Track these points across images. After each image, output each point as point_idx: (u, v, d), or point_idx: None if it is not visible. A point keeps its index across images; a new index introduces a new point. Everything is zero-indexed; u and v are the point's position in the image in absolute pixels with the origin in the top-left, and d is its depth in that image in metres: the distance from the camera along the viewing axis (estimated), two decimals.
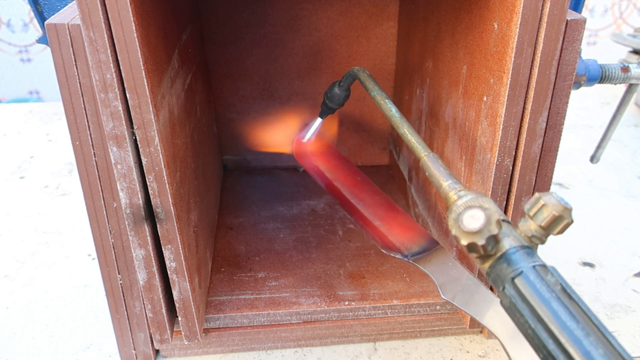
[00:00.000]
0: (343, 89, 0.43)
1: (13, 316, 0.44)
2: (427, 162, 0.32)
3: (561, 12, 0.29)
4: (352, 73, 0.41)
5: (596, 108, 0.88)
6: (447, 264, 0.37)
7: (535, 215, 0.25)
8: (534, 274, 0.24)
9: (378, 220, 0.42)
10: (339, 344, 0.41)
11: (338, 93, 0.43)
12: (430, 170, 0.31)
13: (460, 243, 0.25)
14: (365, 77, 0.39)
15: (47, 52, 1.55)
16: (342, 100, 0.43)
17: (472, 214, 0.25)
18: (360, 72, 0.40)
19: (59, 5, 0.42)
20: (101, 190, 0.32)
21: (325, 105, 0.45)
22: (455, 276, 0.36)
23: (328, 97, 0.44)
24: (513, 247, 0.25)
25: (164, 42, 0.34)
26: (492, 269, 0.25)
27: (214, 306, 0.40)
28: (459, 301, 0.35)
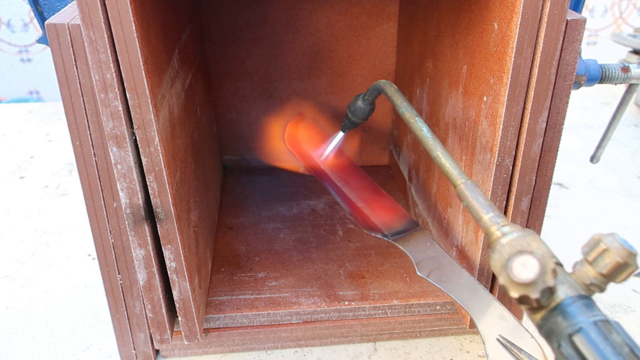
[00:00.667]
0: (367, 102, 0.41)
1: (13, 316, 0.44)
2: (464, 190, 0.28)
3: (561, 12, 0.29)
4: (378, 86, 0.38)
5: (596, 108, 0.88)
6: (425, 244, 0.38)
7: (595, 260, 0.22)
8: (595, 331, 0.21)
9: (362, 203, 0.43)
10: (339, 344, 0.41)
11: (362, 107, 0.41)
12: (467, 200, 0.28)
13: (509, 294, 0.22)
14: (393, 91, 0.36)
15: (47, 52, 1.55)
16: (367, 114, 0.41)
17: (523, 261, 0.22)
18: (386, 85, 0.37)
19: (59, 5, 0.42)
20: (101, 190, 0.32)
21: (347, 119, 0.42)
22: (432, 255, 0.38)
23: (351, 110, 0.42)
24: (569, 297, 0.22)
25: (164, 42, 0.34)
26: (545, 321, 0.22)
27: (214, 306, 0.40)
28: (433, 277, 0.36)
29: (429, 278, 0.36)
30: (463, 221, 0.39)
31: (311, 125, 0.50)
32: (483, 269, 0.37)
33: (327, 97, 0.58)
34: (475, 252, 0.37)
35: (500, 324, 0.33)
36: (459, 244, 0.40)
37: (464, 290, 0.35)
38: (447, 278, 0.36)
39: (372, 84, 0.39)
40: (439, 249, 0.38)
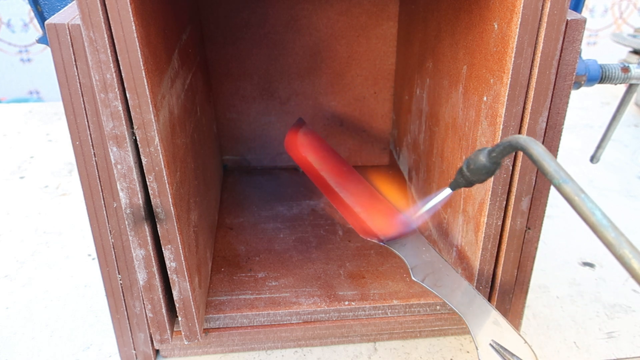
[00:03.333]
0: (494, 160, 0.29)
1: (13, 316, 0.44)
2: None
3: (561, 12, 0.29)
4: (516, 144, 0.26)
5: (596, 108, 0.88)
6: (420, 248, 0.39)
7: None
8: None
9: (358, 207, 0.43)
10: (339, 344, 0.41)
11: (487, 166, 0.29)
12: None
13: None
14: (541, 153, 0.25)
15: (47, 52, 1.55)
16: (488, 175, 0.30)
17: None
18: (530, 143, 0.25)
19: (59, 5, 0.43)
20: (101, 190, 0.32)
21: (462, 177, 0.31)
22: (427, 259, 0.38)
23: (470, 168, 0.30)
24: None
25: (164, 42, 0.34)
26: None
27: (214, 306, 0.40)
28: (428, 282, 0.36)
29: (423, 283, 0.36)
30: (463, 221, 0.39)
31: (311, 132, 0.50)
32: (483, 270, 0.37)
33: (327, 97, 0.58)
34: (475, 252, 0.37)
35: (493, 329, 0.33)
36: (459, 244, 0.40)
37: (458, 295, 0.35)
38: (441, 283, 0.36)
39: (506, 139, 0.27)
40: (435, 254, 0.38)
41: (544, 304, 0.46)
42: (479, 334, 0.33)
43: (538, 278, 0.49)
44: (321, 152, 0.49)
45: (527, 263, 0.37)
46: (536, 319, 0.44)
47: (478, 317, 0.34)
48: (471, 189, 0.37)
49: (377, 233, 0.41)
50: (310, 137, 0.49)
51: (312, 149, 0.48)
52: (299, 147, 0.48)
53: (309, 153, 0.47)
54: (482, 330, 0.33)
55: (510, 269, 0.37)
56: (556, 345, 0.42)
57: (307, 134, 0.49)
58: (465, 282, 0.36)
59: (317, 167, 0.46)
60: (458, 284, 0.36)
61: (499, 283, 0.38)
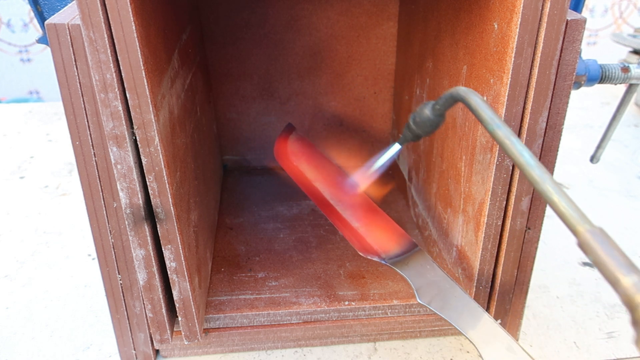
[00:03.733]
0: (438, 113, 0.32)
1: (13, 316, 0.44)
2: (591, 241, 0.21)
3: (561, 12, 0.29)
4: (456, 94, 0.29)
5: (596, 108, 0.88)
6: (425, 267, 0.36)
7: None
8: None
9: (356, 222, 0.40)
10: (339, 344, 0.41)
11: (430, 118, 0.32)
12: (596, 255, 0.21)
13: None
14: (478, 102, 0.27)
15: (47, 52, 1.55)
16: (434, 127, 0.33)
17: None
18: (469, 94, 0.28)
19: (59, 5, 0.43)
20: (101, 190, 0.32)
21: (409, 131, 0.34)
22: (432, 279, 0.35)
23: (416, 121, 0.33)
24: None
25: (164, 42, 0.34)
26: None
27: (214, 306, 0.40)
28: (435, 305, 0.34)
29: (430, 306, 0.34)
30: (463, 221, 0.39)
31: (301, 138, 0.46)
32: (483, 270, 0.37)
33: (327, 97, 0.58)
34: (475, 252, 0.37)
35: (507, 356, 0.31)
36: (459, 244, 0.40)
37: (467, 319, 0.33)
38: (449, 305, 0.34)
39: (448, 91, 0.30)
40: (440, 272, 0.35)
41: (544, 304, 0.46)
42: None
43: (538, 278, 0.49)
44: (314, 160, 0.45)
45: (527, 263, 0.37)
46: (536, 319, 0.44)
47: (490, 343, 0.31)
48: (471, 189, 0.37)
49: (378, 250, 0.39)
50: (301, 144, 0.45)
51: (304, 157, 0.44)
52: (289, 155, 0.44)
53: (301, 162, 0.44)
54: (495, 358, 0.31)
55: (510, 269, 0.37)
56: (556, 345, 0.42)
57: (298, 141, 0.45)
58: (474, 303, 0.34)
59: (311, 178, 0.43)
60: (467, 306, 0.33)
61: (499, 283, 0.38)
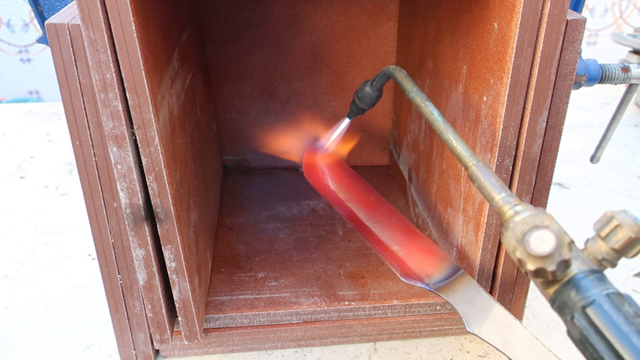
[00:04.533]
0: (375, 88, 0.40)
1: (13, 316, 0.44)
2: (476, 172, 0.28)
3: (561, 12, 0.29)
4: (387, 72, 0.37)
5: (596, 108, 0.88)
6: (471, 292, 0.35)
7: (607, 236, 0.23)
8: (608, 303, 0.21)
9: (396, 245, 0.39)
10: (339, 344, 0.41)
11: (370, 93, 0.40)
12: (479, 181, 0.28)
13: (524, 267, 0.22)
14: (402, 76, 0.35)
15: (47, 52, 1.55)
16: (374, 100, 0.40)
17: (540, 235, 0.22)
18: (396, 71, 0.36)
19: (59, 5, 0.43)
20: (101, 190, 0.32)
21: (354, 106, 0.41)
22: (480, 306, 0.34)
23: (359, 96, 0.40)
24: (582, 271, 0.23)
25: (164, 42, 0.34)
26: (558, 294, 0.23)
27: (214, 306, 0.40)
28: (485, 334, 0.32)
29: (481, 336, 0.32)
30: (463, 221, 0.39)
31: (330, 155, 0.44)
32: (483, 270, 0.37)
33: (327, 97, 0.58)
34: (475, 252, 0.37)
35: None
36: (459, 244, 0.40)
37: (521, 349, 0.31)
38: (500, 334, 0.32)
39: (382, 70, 0.38)
40: (487, 297, 0.34)
41: (544, 304, 0.46)
42: None
43: None
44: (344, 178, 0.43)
45: None
46: (536, 319, 0.44)
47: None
48: (471, 189, 0.37)
49: (421, 275, 0.37)
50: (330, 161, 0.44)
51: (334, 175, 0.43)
52: (319, 174, 0.43)
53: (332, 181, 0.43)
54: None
55: (511, 269, 0.37)
56: (556, 345, 0.42)
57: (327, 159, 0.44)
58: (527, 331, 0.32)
59: (343, 198, 0.42)
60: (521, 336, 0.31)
61: (499, 283, 0.38)
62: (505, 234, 0.24)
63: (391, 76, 0.37)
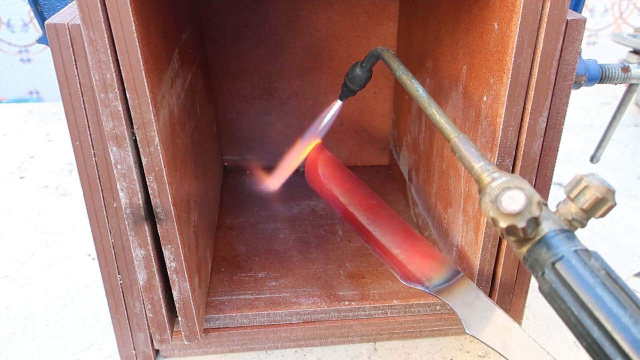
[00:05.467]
0: (365, 69, 0.41)
1: (13, 316, 0.44)
2: (458, 143, 0.30)
3: (561, 12, 0.29)
4: (376, 52, 0.39)
5: (596, 108, 0.88)
6: (470, 295, 0.35)
7: (576, 197, 0.24)
8: (575, 258, 0.22)
9: (396, 248, 0.39)
10: (339, 344, 0.41)
11: (360, 74, 0.41)
12: (460, 152, 0.29)
13: (498, 226, 0.24)
14: (390, 56, 0.37)
15: (47, 52, 1.55)
16: (364, 81, 0.41)
17: (511, 194, 0.23)
18: (384, 51, 0.38)
19: (59, 5, 0.42)
20: (101, 190, 0.32)
21: (345, 87, 0.43)
22: (479, 308, 0.34)
23: (349, 78, 0.42)
24: (552, 230, 0.24)
25: (164, 42, 0.34)
26: (530, 253, 0.24)
27: (214, 306, 0.40)
28: (485, 337, 0.33)
29: (480, 338, 0.33)
30: (463, 221, 0.39)
31: (331, 159, 0.45)
32: (483, 270, 0.37)
33: (327, 97, 0.58)
34: (475, 252, 0.37)
35: None
36: (459, 244, 0.40)
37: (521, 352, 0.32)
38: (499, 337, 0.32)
39: (370, 51, 0.39)
40: (486, 300, 0.34)
41: (544, 304, 0.46)
42: None
43: None
44: (346, 183, 0.44)
45: None
46: (536, 319, 0.44)
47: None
48: (471, 189, 0.37)
49: (421, 279, 0.37)
50: (332, 165, 0.44)
51: (336, 179, 0.43)
52: (322, 178, 0.43)
53: (333, 185, 0.43)
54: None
55: (511, 269, 0.37)
56: (556, 345, 0.42)
57: (329, 162, 0.44)
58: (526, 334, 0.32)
59: (345, 202, 0.42)
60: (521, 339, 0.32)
61: (499, 283, 0.38)
62: (482, 199, 0.25)
63: (379, 57, 0.38)
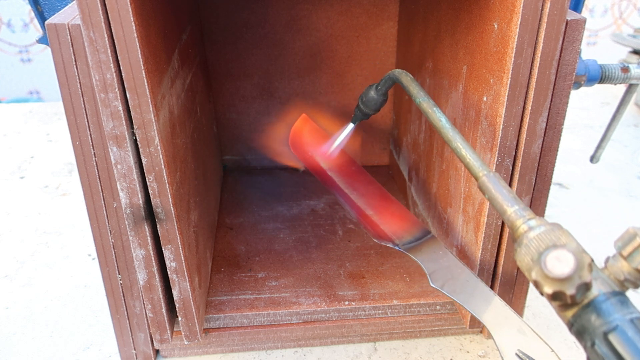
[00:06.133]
0: (380, 93, 0.38)
1: (13, 316, 0.44)
2: (487, 183, 0.27)
3: (561, 12, 0.29)
4: (393, 76, 0.36)
5: (596, 108, 0.88)
6: (437, 253, 0.37)
7: (630, 255, 0.21)
8: (632, 329, 0.20)
9: (371, 210, 0.41)
10: (339, 344, 0.41)
11: (375, 97, 0.39)
12: (490, 193, 0.26)
13: (541, 289, 0.21)
14: (409, 81, 0.34)
15: (47, 52, 1.55)
16: (379, 105, 0.39)
17: (557, 255, 0.20)
18: (402, 75, 0.35)
19: (59, 5, 0.43)
20: (101, 190, 0.32)
21: (359, 111, 0.40)
22: (445, 265, 0.36)
23: (363, 101, 0.39)
24: (603, 293, 0.21)
25: (164, 42, 0.34)
26: (577, 318, 0.21)
27: (214, 306, 0.40)
28: (447, 289, 0.35)
29: (442, 289, 0.35)
30: (463, 221, 0.39)
31: (316, 128, 0.48)
32: (483, 270, 0.37)
33: (327, 97, 0.58)
34: (475, 252, 0.37)
35: (518, 338, 0.31)
36: (459, 244, 0.40)
37: (479, 303, 0.34)
38: (461, 289, 0.34)
39: (387, 74, 0.37)
40: (452, 258, 0.36)
41: (544, 304, 0.46)
42: (504, 343, 0.31)
43: None
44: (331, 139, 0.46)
45: None
46: (536, 319, 0.44)
47: (502, 325, 0.32)
48: (471, 189, 0.37)
49: (392, 237, 0.39)
50: (316, 134, 0.47)
51: (318, 147, 0.45)
52: (304, 145, 0.46)
53: (315, 152, 0.45)
54: (508, 339, 0.31)
55: (510, 269, 0.37)
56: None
57: (313, 131, 0.47)
58: (486, 287, 0.35)
59: (326, 168, 0.44)
60: (479, 290, 0.34)
61: (499, 283, 0.38)
62: (518, 251, 0.22)
63: (397, 80, 0.36)
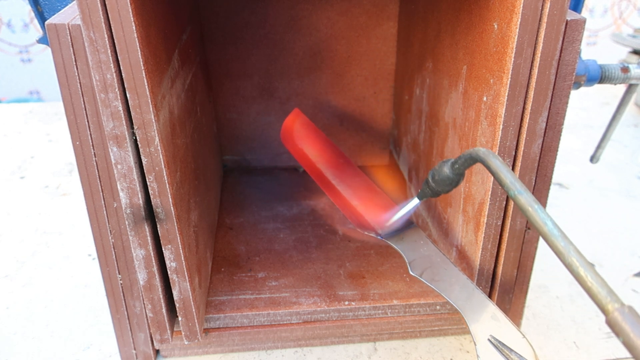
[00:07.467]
0: (457, 172, 0.32)
1: (13, 316, 0.44)
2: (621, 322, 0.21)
3: (561, 12, 0.29)
4: (476, 156, 0.29)
5: (596, 108, 0.88)
6: (419, 243, 0.39)
7: None
8: None
9: (356, 200, 0.43)
10: (339, 344, 0.41)
11: (449, 176, 0.32)
12: (627, 337, 0.20)
13: None
14: (498, 165, 0.27)
15: (47, 52, 1.55)
16: (453, 185, 0.33)
17: None
18: (489, 156, 0.28)
19: (59, 6, 0.43)
20: (101, 190, 0.33)
21: (428, 187, 0.34)
22: (425, 253, 0.38)
23: (435, 179, 0.33)
24: None
25: (164, 42, 0.34)
26: None
27: (214, 306, 0.40)
28: (426, 277, 0.36)
29: (421, 277, 0.36)
30: (463, 221, 0.39)
31: (307, 122, 0.49)
32: (483, 270, 0.37)
33: (327, 97, 0.58)
34: (475, 252, 0.37)
35: (492, 324, 0.33)
36: (459, 244, 0.40)
37: (456, 290, 0.35)
38: (439, 277, 0.36)
39: (467, 151, 0.30)
40: (433, 248, 0.38)
41: (544, 304, 0.46)
42: (477, 329, 0.33)
43: (538, 278, 0.49)
44: (318, 143, 0.48)
45: (527, 263, 0.37)
46: (536, 319, 0.44)
47: (476, 312, 0.34)
48: (471, 189, 0.37)
49: (375, 227, 0.41)
50: (307, 128, 0.48)
51: (308, 140, 0.47)
52: (295, 138, 0.47)
53: (305, 144, 0.46)
54: (480, 325, 0.33)
55: (510, 269, 0.37)
56: (556, 345, 0.42)
57: (304, 125, 0.48)
58: (464, 276, 0.36)
59: (314, 160, 0.46)
60: (456, 278, 0.36)
61: (499, 283, 0.38)
62: None
63: (481, 162, 0.29)
